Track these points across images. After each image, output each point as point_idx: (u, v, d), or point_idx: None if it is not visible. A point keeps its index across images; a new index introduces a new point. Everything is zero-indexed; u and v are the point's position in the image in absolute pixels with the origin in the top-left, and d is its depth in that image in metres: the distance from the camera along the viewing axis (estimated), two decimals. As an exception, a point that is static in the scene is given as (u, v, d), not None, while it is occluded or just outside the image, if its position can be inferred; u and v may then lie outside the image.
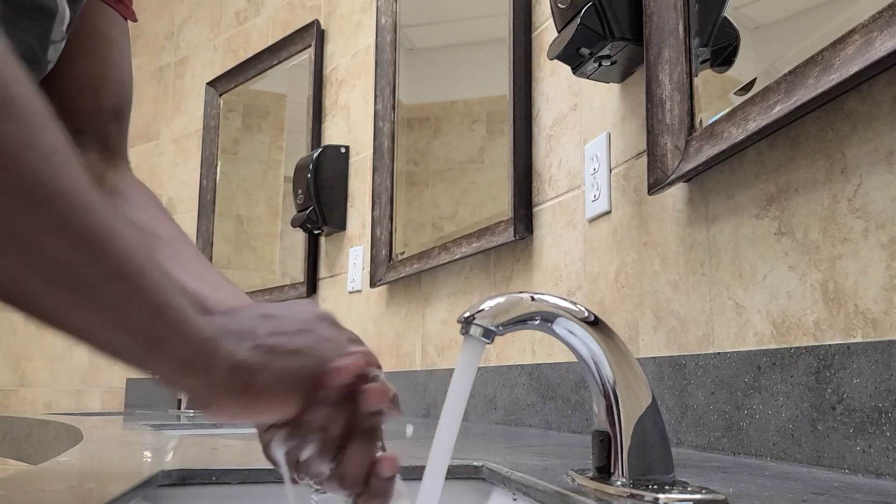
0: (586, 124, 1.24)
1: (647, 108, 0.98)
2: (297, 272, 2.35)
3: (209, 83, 2.89)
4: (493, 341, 0.55)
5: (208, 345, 0.40)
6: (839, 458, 0.69)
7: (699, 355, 0.91)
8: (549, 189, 1.33)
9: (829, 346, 0.71)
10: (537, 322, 0.56)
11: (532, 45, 1.42)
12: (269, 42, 2.64)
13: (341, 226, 2.16)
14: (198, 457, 0.84)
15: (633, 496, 0.53)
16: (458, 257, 1.54)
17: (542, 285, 1.33)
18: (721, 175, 0.90)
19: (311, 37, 2.40)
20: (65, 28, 0.60)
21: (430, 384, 1.67)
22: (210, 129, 2.87)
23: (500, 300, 0.55)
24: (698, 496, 0.52)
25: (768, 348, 0.80)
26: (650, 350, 1.03)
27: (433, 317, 1.70)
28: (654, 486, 0.55)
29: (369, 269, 1.92)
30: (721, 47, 0.93)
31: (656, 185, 0.96)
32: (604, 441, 0.58)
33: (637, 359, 0.68)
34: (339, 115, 2.28)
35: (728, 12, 0.92)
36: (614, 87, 1.16)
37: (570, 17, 1.05)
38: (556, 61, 1.12)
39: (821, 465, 0.71)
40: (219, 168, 2.83)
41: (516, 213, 1.36)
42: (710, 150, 0.87)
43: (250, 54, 2.72)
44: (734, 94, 0.88)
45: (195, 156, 2.92)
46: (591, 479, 0.58)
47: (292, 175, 2.25)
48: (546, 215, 1.34)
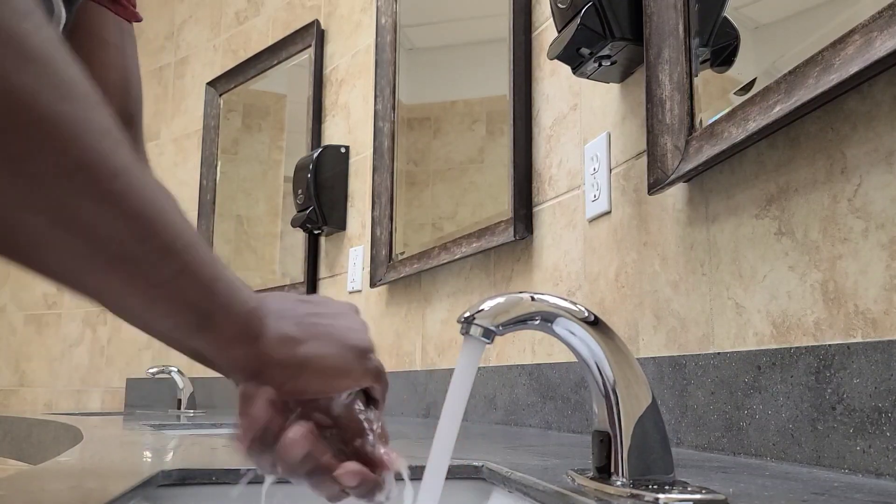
0: (586, 124, 1.24)
1: (647, 108, 0.98)
2: (297, 272, 2.35)
3: (209, 83, 2.89)
4: (493, 341, 0.55)
5: (257, 313, 0.42)
6: (839, 458, 0.69)
7: (699, 355, 0.91)
8: (549, 189, 1.33)
9: (829, 346, 0.71)
10: (537, 322, 0.56)
11: (532, 45, 1.42)
12: (269, 42, 2.64)
13: (341, 226, 2.16)
14: (198, 457, 0.84)
15: (633, 496, 0.53)
16: (458, 257, 1.54)
17: (542, 285, 1.33)
18: (721, 175, 0.90)
19: (311, 37, 2.41)
20: (61, 29, 0.60)
21: (430, 384, 1.67)
22: (210, 129, 2.87)
23: (500, 300, 0.55)
24: (698, 496, 0.52)
25: (768, 348, 0.80)
26: (650, 350, 1.03)
27: (433, 317, 1.70)
28: (654, 486, 0.55)
29: (369, 269, 1.92)
30: (721, 47, 0.93)
31: (656, 185, 0.96)
32: (604, 441, 0.58)
33: (637, 359, 0.68)
34: (339, 115, 2.28)
35: (728, 12, 0.92)
36: (614, 87, 1.16)
37: (570, 17, 1.05)
38: (556, 61, 1.12)
39: (821, 465, 0.71)
40: (219, 168, 2.83)
41: (516, 213, 1.36)
42: (710, 150, 0.87)
43: (250, 54, 2.72)
44: (734, 94, 0.88)
45: (195, 156, 2.93)
46: (591, 479, 0.58)
47: (292, 175, 2.25)
48: (546, 215, 1.34)
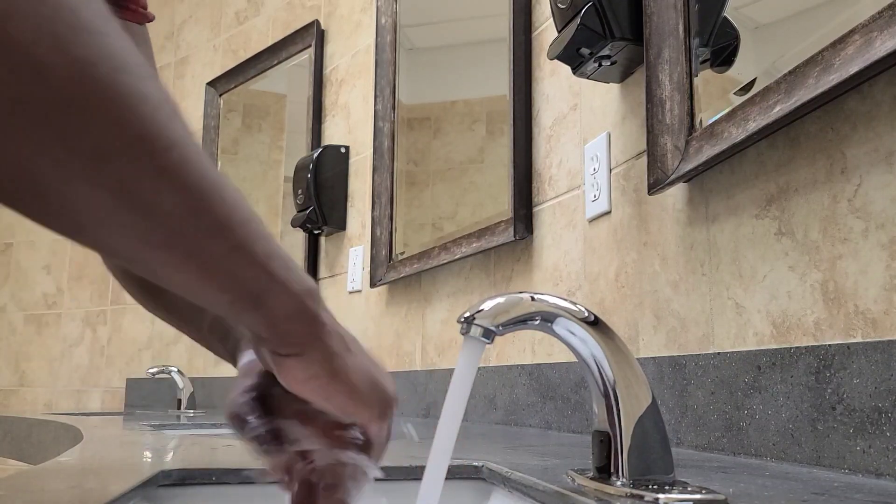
0: (586, 124, 1.24)
1: (647, 108, 0.98)
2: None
3: (209, 83, 2.89)
4: (493, 341, 0.55)
5: (313, 294, 0.41)
6: (839, 458, 0.69)
7: (699, 355, 0.91)
8: (549, 189, 1.33)
9: (829, 346, 0.71)
10: (537, 322, 0.56)
11: (532, 45, 1.42)
12: (269, 42, 2.64)
13: (341, 226, 2.16)
14: (198, 457, 0.84)
15: (633, 496, 0.53)
16: (458, 257, 1.54)
17: (542, 285, 1.33)
18: (721, 175, 0.90)
19: (311, 37, 2.41)
20: None
21: (430, 384, 1.67)
22: (210, 129, 2.87)
23: (500, 300, 0.55)
24: (698, 496, 0.52)
25: (768, 348, 0.80)
26: (650, 350, 1.03)
27: (433, 317, 1.70)
28: (654, 486, 0.55)
29: (369, 269, 1.92)
30: (721, 47, 0.93)
31: (656, 185, 0.96)
32: (604, 441, 0.58)
33: (637, 359, 0.68)
34: (339, 115, 2.27)
35: (728, 12, 0.92)
36: (614, 87, 1.16)
37: (570, 17, 1.05)
38: (556, 61, 1.12)
39: (821, 465, 0.71)
40: (219, 168, 2.83)
41: (516, 213, 1.36)
42: (710, 150, 0.87)
43: (250, 54, 2.72)
44: (734, 94, 0.88)
45: (195, 156, 2.92)
46: (591, 479, 0.58)
47: (292, 175, 2.25)
48: (546, 215, 1.34)
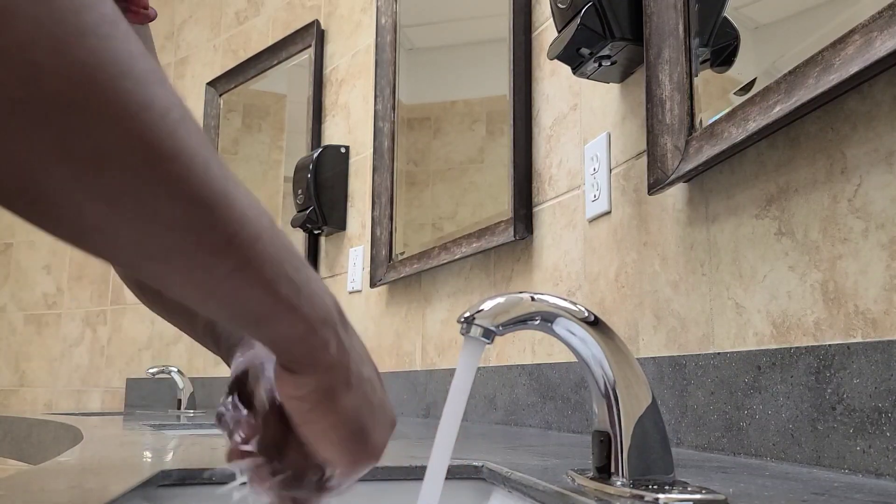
0: (586, 124, 1.24)
1: (647, 108, 0.98)
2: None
3: (209, 83, 2.89)
4: (493, 341, 0.55)
5: (332, 320, 0.39)
6: (839, 458, 0.69)
7: (699, 355, 0.91)
8: (549, 189, 1.33)
9: (829, 346, 0.71)
10: (537, 322, 0.56)
11: (532, 45, 1.42)
12: (269, 42, 2.64)
13: (341, 226, 2.16)
14: (198, 457, 0.84)
15: (633, 496, 0.53)
16: (458, 257, 1.54)
17: (542, 285, 1.33)
18: (721, 175, 0.90)
19: (311, 37, 2.41)
20: None
21: (430, 384, 1.67)
22: (210, 129, 2.87)
23: (500, 300, 0.55)
24: (698, 496, 0.52)
25: (768, 348, 0.80)
26: (650, 350, 1.03)
27: (433, 317, 1.70)
28: (654, 486, 0.55)
29: (369, 269, 1.92)
30: (721, 47, 0.93)
31: (656, 185, 0.96)
32: (604, 441, 0.58)
33: (637, 359, 0.68)
34: (339, 115, 2.27)
35: (728, 12, 0.92)
36: (614, 87, 1.16)
37: (570, 17, 1.05)
38: (556, 61, 1.12)
39: (821, 465, 0.71)
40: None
41: (516, 213, 1.36)
42: (710, 150, 0.87)
43: (250, 54, 2.72)
44: (734, 94, 0.88)
45: (195, 156, 2.92)
46: (591, 479, 0.58)
47: (292, 175, 2.25)
48: (546, 215, 1.34)
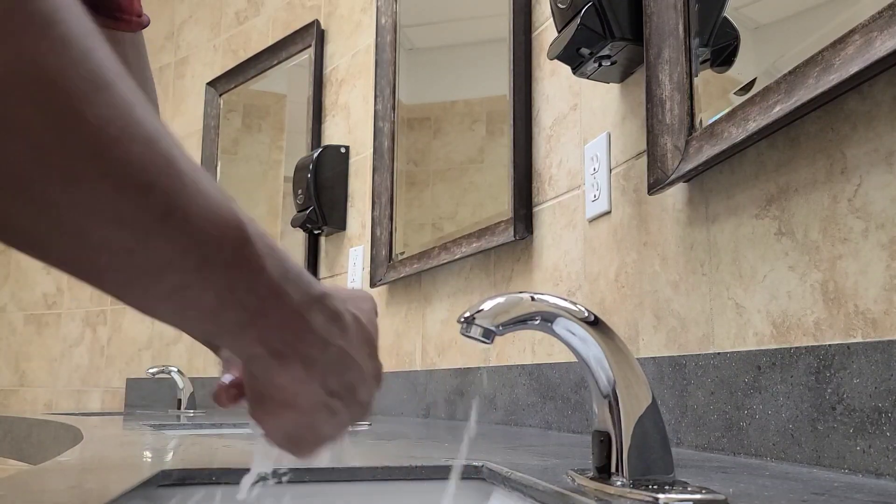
0: (586, 124, 1.24)
1: (647, 108, 0.98)
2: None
3: (209, 83, 2.89)
4: (493, 341, 0.55)
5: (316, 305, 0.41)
6: (839, 458, 0.69)
7: (699, 355, 0.91)
8: (549, 189, 1.33)
9: (829, 346, 0.71)
10: (537, 322, 0.56)
11: (532, 45, 1.42)
12: (269, 42, 2.64)
13: (341, 226, 2.16)
14: (198, 457, 0.84)
15: (633, 496, 0.53)
16: (458, 257, 1.54)
17: (542, 285, 1.33)
18: (721, 175, 0.90)
19: (311, 37, 2.40)
20: None
21: (430, 384, 1.67)
22: (210, 129, 2.87)
23: (500, 300, 0.55)
24: (698, 496, 0.52)
25: (768, 348, 0.80)
26: (650, 350, 1.03)
27: (433, 317, 1.70)
28: (654, 486, 0.55)
29: (369, 269, 1.92)
30: (721, 47, 0.93)
31: (656, 185, 0.96)
32: (604, 441, 0.58)
33: (637, 359, 0.68)
34: (339, 115, 2.27)
35: (728, 12, 0.92)
36: (614, 87, 1.16)
37: (570, 17, 1.05)
38: (556, 61, 1.12)
39: (821, 465, 0.71)
40: (219, 168, 2.83)
41: (516, 213, 1.36)
42: (710, 150, 0.87)
43: (250, 54, 2.72)
44: (734, 94, 0.88)
45: (195, 156, 2.92)
46: (591, 479, 0.58)
47: (292, 175, 2.25)
48: (546, 215, 1.34)
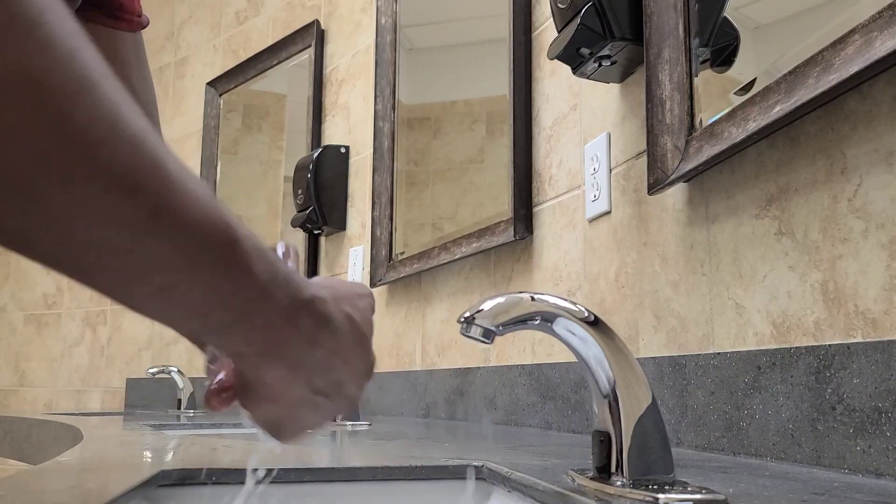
0: (586, 124, 1.24)
1: (647, 108, 0.98)
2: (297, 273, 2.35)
3: (209, 83, 2.89)
4: (493, 341, 0.55)
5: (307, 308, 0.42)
6: (839, 458, 0.69)
7: (699, 355, 0.91)
8: (549, 189, 1.33)
9: (829, 346, 0.71)
10: (537, 322, 0.56)
11: (532, 45, 1.42)
12: (269, 42, 2.64)
13: (341, 226, 2.16)
14: (198, 457, 0.84)
15: (633, 496, 0.53)
16: (458, 257, 1.54)
17: (542, 285, 1.33)
18: (721, 175, 0.90)
19: (311, 37, 2.40)
20: None
21: (430, 384, 1.67)
22: (210, 129, 2.87)
23: (500, 300, 0.55)
24: (698, 496, 0.52)
25: (768, 348, 0.80)
26: (650, 350, 1.03)
27: (433, 317, 1.70)
28: (654, 486, 0.55)
29: (369, 269, 1.92)
30: (721, 47, 0.93)
31: (656, 185, 0.96)
32: (604, 441, 0.58)
33: (637, 359, 0.68)
34: (339, 115, 2.27)
35: (728, 12, 0.92)
36: (614, 87, 1.16)
37: (570, 17, 1.05)
38: (556, 61, 1.12)
39: (821, 465, 0.71)
40: (219, 168, 2.83)
41: (516, 213, 1.36)
42: (710, 150, 0.87)
43: (250, 54, 2.72)
44: (734, 94, 0.88)
45: (195, 156, 2.93)
46: (591, 479, 0.58)
47: (292, 175, 2.25)
48: (546, 215, 1.34)
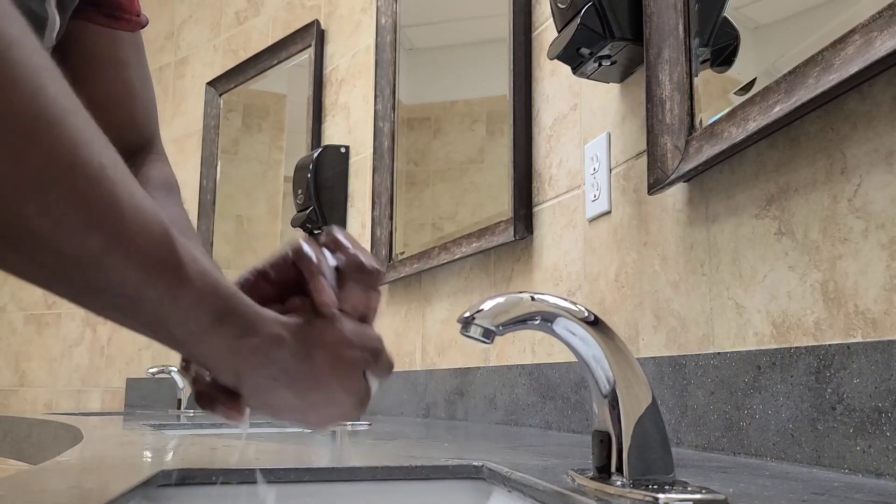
0: (586, 124, 1.24)
1: (647, 108, 0.98)
2: (297, 272, 2.35)
3: (209, 83, 2.89)
4: (493, 341, 0.55)
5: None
6: (839, 458, 0.69)
7: (699, 355, 0.91)
8: (549, 189, 1.33)
9: (829, 346, 0.71)
10: (537, 322, 0.56)
11: (532, 45, 1.42)
12: (269, 42, 2.64)
13: (341, 226, 2.16)
14: (198, 457, 0.84)
15: (633, 496, 0.53)
16: (458, 257, 1.53)
17: (542, 285, 1.33)
18: (721, 175, 0.90)
19: (311, 37, 2.40)
20: (55, 35, 0.60)
21: (430, 384, 1.67)
22: (210, 129, 2.86)
23: (500, 300, 0.55)
24: (698, 496, 0.52)
25: (768, 348, 0.80)
26: (650, 350, 1.03)
27: (433, 317, 1.70)
28: (654, 486, 0.55)
29: (369, 269, 1.92)
30: (721, 47, 0.93)
31: (656, 185, 0.96)
32: (604, 441, 0.58)
33: (637, 359, 0.68)
34: (339, 115, 2.27)
35: (728, 12, 0.92)
36: (614, 87, 1.16)
37: (570, 17, 1.05)
38: (556, 61, 1.12)
39: (821, 465, 0.71)
40: (219, 168, 2.83)
41: (516, 213, 1.36)
42: (710, 150, 0.87)
43: (250, 54, 2.72)
44: (734, 94, 0.88)
45: (195, 156, 2.93)
46: (591, 479, 0.58)
47: (292, 175, 2.25)
48: (546, 215, 1.34)
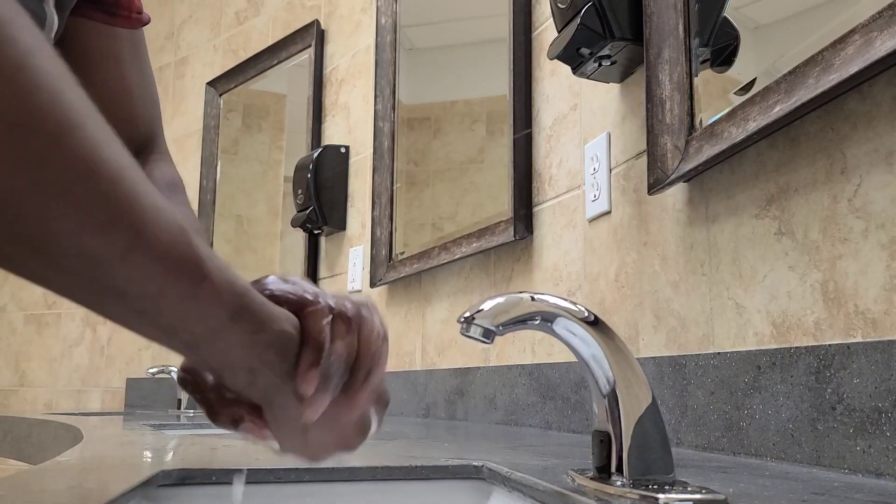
0: (586, 124, 1.24)
1: (647, 108, 0.98)
2: (297, 272, 2.35)
3: (209, 83, 2.89)
4: (493, 341, 0.55)
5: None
6: (839, 458, 0.69)
7: (699, 355, 0.91)
8: (549, 189, 1.33)
9: (829, 346, 0.71)
10: (537, 322, 0.56)
11: (532, 45, 1.42)
12: (269, 42, 2.64)
13: (341, 226, 2.16)
14: (198, 457, 0.84)
15: (633, 496, 0.53)
16: (458, 257, 1.53)
17: (542, 285, 1.33)
18: (721, 175, 0.90)
19: (311, 37, 2.41)
20: (53, 34, 0.60)
21: (430, 384, 1.67)
22: (210, 129, 2.87)
23: (500, 300, 0.55)
24: (698, 496, 0.52)
25: (768, 348, 0.80)
26: (650, 350, 1.03)
27: (433, 317, 1.70)
28: (654, 486, 0.55)
29: (369, 269, 1.92)
30: (721, 47, 0.93)
31: (656, 185, 0.96)
32: (604, 441, 0.58)
33: (637, 359, 0.68)
34: (339, 115, 2.27)
35: (728, 12, 0.92)
36: (614, 87, 1.16)
37: (570, 17, 1.05)
38: (556, 61, 1.12)
39: (821, 465, 0.71)
40: (219, 168, 2.83)
41: (516, 213, 1.36)
42: (710, 150, 0.87)
43: (250, 54, 2.72)
44: (734, 94, 0.88)
45: (195, 156, 2.93)
46: (591, 479, 0.58)
47: (292, 175, 2.25)
48: (546, 215, 1.34)
